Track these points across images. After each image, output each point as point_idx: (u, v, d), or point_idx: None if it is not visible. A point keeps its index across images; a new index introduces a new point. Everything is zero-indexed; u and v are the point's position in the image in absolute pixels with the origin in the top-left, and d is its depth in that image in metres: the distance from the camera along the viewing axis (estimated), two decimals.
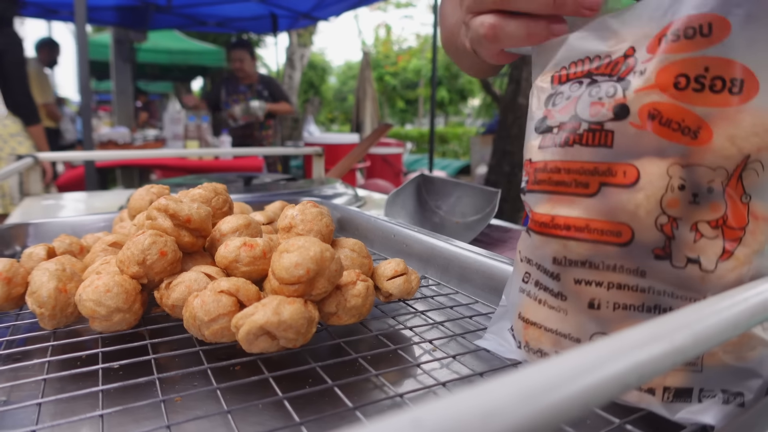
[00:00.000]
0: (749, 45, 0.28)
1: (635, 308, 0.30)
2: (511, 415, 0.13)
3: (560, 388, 0.14)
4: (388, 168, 4.80)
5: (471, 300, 0.51)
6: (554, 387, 0.14)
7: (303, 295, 0.38)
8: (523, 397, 0.14)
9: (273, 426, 0.29)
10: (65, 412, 0.33)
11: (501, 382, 0.14)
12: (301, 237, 0.40)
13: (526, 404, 0.13)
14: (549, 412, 0.14)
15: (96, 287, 0.41)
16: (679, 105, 0.29)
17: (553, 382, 0.14)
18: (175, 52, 6.67)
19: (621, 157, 0.31)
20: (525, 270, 0.36)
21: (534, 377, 0.14)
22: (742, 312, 0.21)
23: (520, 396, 0.14)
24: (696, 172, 0.29)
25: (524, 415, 0.13)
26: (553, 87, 0.34)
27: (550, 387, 0.14)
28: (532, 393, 0.14)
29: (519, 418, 0.13)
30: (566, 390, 0.14)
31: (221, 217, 0.53)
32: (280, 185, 1.26)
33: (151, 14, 4.38)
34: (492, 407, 0.13)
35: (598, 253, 0.31)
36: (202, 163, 3.16)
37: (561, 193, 0.32)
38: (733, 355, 0.28)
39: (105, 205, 1.17)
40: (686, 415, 0.28)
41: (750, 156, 0.29)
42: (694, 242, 0.29)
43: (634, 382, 0.17)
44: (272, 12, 4.82)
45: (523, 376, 0.14)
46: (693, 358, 0.19)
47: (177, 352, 0.39)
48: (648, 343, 0.17)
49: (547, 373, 0.15)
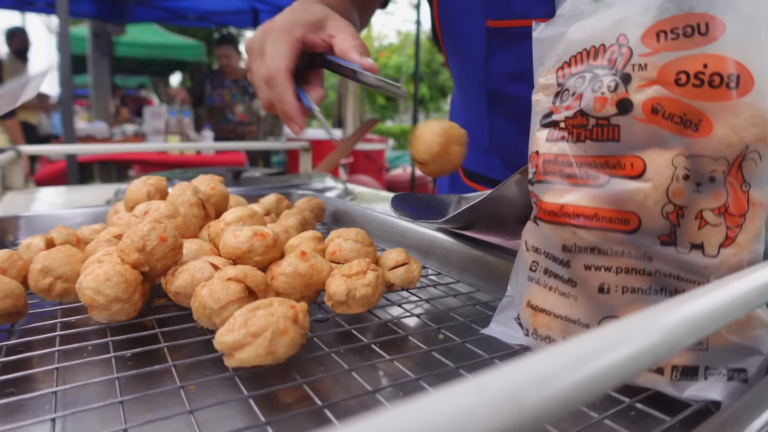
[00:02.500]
0: (743, 43, 0.30)
1: (643, 291, 0.32)
2: (562, 381, 0.14)
3: (602, 356, 0.15)
4: (371, 164, 4.80)
5: (472, 289, 0.52)
6: (596, 355, 0.15)
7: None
8: (573, 365, 0.15)
9: (295, 410, 0.30)
10: (79, 401, 0.34)
11: (550, 353, 0.15)
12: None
13: (576, 370, 0.14)
14: (596, 377, 0.15)
15: (96, 276, 0.41)
16: (680, 100, 0.31)
17: (596, 350, 0.15)
18: (153, 46, 6.55)
19: (628, 150, 0.32)
20: (532, 259, 0.37)
21: (578, 347, 0.16)
22: (748, 293, 0.23)
23: (568, 364, 0.15)
24: (699, 163, 0.31)
25: (575, 380, 0.14)
26: (558, 84, 0.36)
27: (594, 354, 0.15)
28: (580, 360, 0.15)
29: (570, 383, 0.14)
30: (607, 357, 0.16)
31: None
32: (270, 179, 1.26)
33: (129, 7, 4.30)
34: (544, 375, 0.14)
35: (606, 239, 0.32)
36: (184, 158, 3.13)
37: (571, 183, 0.34)
38: (737, 335, 0.30)
39: (89, 200, 1.16)
40: (693, 393, 0.30)
41: (749, 146, 0.30)
42: (698, 229, 0.30)
43: (651, 362, 0.18)
44: (253, 6, 4.78)
45: (571, 347, 0.15)
46: (707, 336, 0.20)
47: (189, 340, 0.40)
48: (666, 324, 0.19)
49: (586, 345, 0.16)
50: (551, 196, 0.35)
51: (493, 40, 0.80)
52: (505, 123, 0.86)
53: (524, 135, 0.85)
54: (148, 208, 0.55)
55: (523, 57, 0.79)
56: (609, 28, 0.33)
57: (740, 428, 0.24)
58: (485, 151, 0.92)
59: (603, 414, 0.29)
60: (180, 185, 0.61)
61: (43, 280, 0.46)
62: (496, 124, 0.87)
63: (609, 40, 0.33)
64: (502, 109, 0.85)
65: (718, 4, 0.29)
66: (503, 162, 0.90)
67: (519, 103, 0.82)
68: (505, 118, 0.86)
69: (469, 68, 0.87)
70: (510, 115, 0.85)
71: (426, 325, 0.45)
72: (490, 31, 0.80)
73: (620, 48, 0.32)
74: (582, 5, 0.34)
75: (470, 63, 0.86)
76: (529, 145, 0.38)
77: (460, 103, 0.97)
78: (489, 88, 0.84)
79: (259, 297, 0.39)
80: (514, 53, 0.80)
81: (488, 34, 0.80)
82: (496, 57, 0.82)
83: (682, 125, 0.31)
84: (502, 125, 0.87)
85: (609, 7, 0.33)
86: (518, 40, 0.79)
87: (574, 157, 0.34)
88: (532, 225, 0.37)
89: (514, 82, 0.82)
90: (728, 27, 0.29)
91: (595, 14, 0.34)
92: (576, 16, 0.35)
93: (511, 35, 0.79)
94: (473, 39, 0.83)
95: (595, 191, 0.33)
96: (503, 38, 0.80)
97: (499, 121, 0.87)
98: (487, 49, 0.81)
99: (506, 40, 0.80)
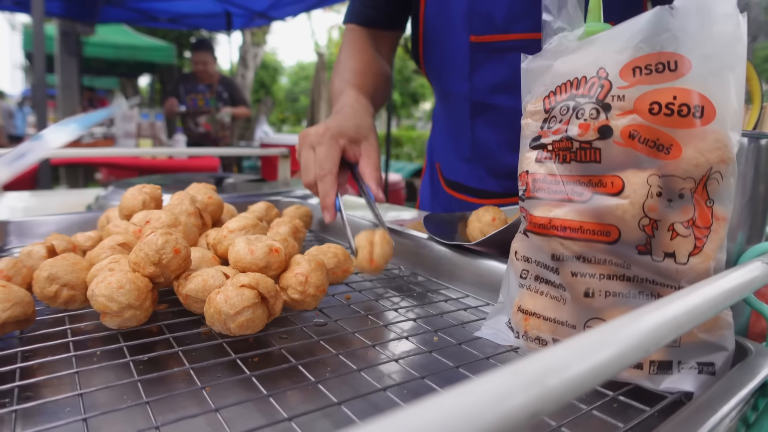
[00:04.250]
0: (706, 78, 0.34)
1: (623, 295, 0.36)
2: (574, 369, 0.18)
3: (606, 347, 0.19)
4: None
5: (462, 294, 0.55)
6: (602, 347, 0.19)
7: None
8: (583, 353, 0.18)
9: (312, 408, 0.33)
10: (106, 404, 0.35)
11: (566, 346, 0.18)
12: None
13: (586, 359, 0.18)
14: (604, 365, 0.18)
15: (109, 283, 0.43)
16: (653, 127, 0.35)
17: (600, 344, 0.19)
18: (122, 47, 6.42)
19: (608, 170, 0.36)
20: (522, 267, 0.41)
21: (586, 340, 0.19)
22: (717, 296, 0.27)
23: (580, 352, 0.18)
24: (670, 181, 0.35)
25: (587, 367, 0.18)
26: (545, 110, 0.40)
27: (598, 347, 0.19)
28: (588, 350, 0.18)
29: (582, 370, 0.18)
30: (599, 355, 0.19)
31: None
32: (252, 186, 1.27)
33: (100, 7, 4.22)
34: (559, 364, 0.17)
35: (590, 249, 0.36)
36: (155, 162, 3.09)
37: (559, 200, 0.37)
38: (706, 333, 0.34)
39: (61, 205, 1.15)
40: (668, 385, 0.34)
41: (712, 167, 0.35)
42: (670, 240, 0.35)
43: (640, 355, 0.21)
44: (227, 10, 4.75)
45: (581, 340, 0.19)
46: (683, 334, 0.24)
47: (202, 344, 0.42)
48: (646, 325, 0.22)
49: (587, 341, 0.19)
50: (541, 211, 0.39)
51: (477, 54, 0.85)
52: (488, 133, 0.91)
53: (506, 145, 0.91)
54: (149, 218, 0.57)
55: (504, 69, 0.85)
56: (591, 63, 0.37)
57: (710, 415, 0.28)
58: (467, 161, 0.96)
59: (591, 406, 0.33)
60: (177, 194, 0.63)
61: (50, 288, 0.47)
62: (478, 134, 0.92)
63: (590, 73, 0.37)
64: (484, 119, 0.90)
65: (685, 45, 0.34)
66: (485, 171, 0.94)
67: (501, 113, 0.87)
68: (488, 128, 0.91)
69: (454, 81, 0.91)
70: (492, 125, 0.90)
71: (421, 328, 0.48)
72: (473, 46, 0.85)
73: (600, 80, 0.36)
74: (567, 42, 0.39)
75: (455, 76, 0.91)
76: (519, 164, 0.41)
77: (444, 114, 1.01)
78: (473, 99, 0.89)
79: (271, 303, 0.42)
80: (496, 66, 0.85)
81: (472, 48, 0.85)
82: (480, 70, 0.86)
83: (656, 149, 0.35)
84: (484, 135, 0.92)
85: (591, 45, 0.37)
86: (500, 54, 0.84)
87: (561, 177, 0.38)
88: (522, 237, 0.41)
89: (496, 94, 0.87)
90: (694, 65, 0.34)
91: (579, 50, 0.38)
92: (562, 51, 0.39)
93: (493, 49, 0.84)
94: (458, 54, 0.88)
95: (580, 206, 0.37)
96: (486, 52, 0.85)
97: (482, 131, 0.92)
98: (470, 63, 0.86)
99: (489, 54, 0.85)
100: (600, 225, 0.36)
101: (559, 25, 0.40)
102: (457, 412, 0.14)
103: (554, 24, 0.40)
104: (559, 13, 0.40)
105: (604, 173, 0.36)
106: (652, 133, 0.35)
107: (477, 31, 0.84)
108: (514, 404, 0.15)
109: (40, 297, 0.47)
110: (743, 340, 0.37)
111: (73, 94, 4.55)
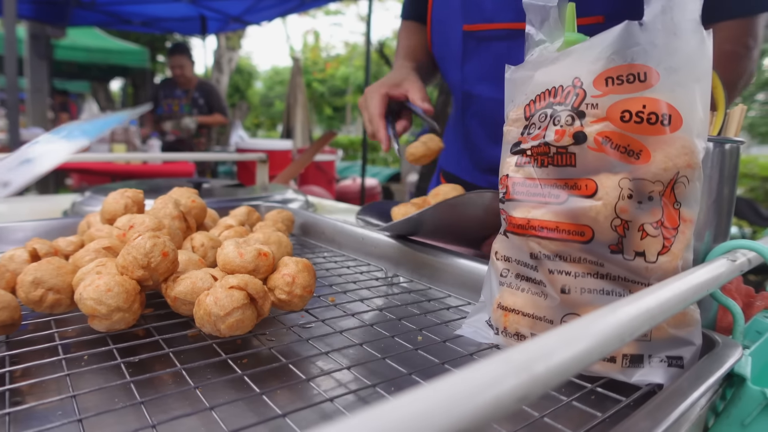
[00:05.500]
0: (673, 89, 0.36)
1: (597, 291, 0.38)
2: (558, 356, 0.19)
3: (585, 338, 0.21)
4: (321, 175, 4.82)
5: (443, 294, 0.57)
6: (581, 337, 0.20)
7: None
8: (565, 343, 0.20)
9: (305, 405, 0.34)
10: (99, 405, 0.36)
11: (550, 336, 0.20)
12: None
13: (568, 348, 0.20)
14: (584, 353, 0.20)
15: (97, 286, 0.43)
16: (624, 133, 0.37)
17: (581, 334, 0.21)
18: (94, 50, 6.30)
19: (583, 174, 0.38)
20: (503, 267, 0.43)
21: (569, 331, 0.21)
22: (686, 291, 0.29)
23: (563, 343, 0.20)
24: (640, 185, 0.37)
25: (570, 355, 0.19)
26: (525, 118, 0.42)
27: (579, 337, 0.20)
28: (571, 340, 0.20)
29: (565, 357, 0.19)
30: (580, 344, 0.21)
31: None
32: (231, 191, 1.27)
33: (71, 9, 4.14)
34: (544, 352, 0.19)
35: (566, 248, 0.38)
36: (129, 167, 3.05)
37: (537, 201, 0.39)
38: (675, 328, 0.36)
39: (34, 210, 1.13)
40: (639, 378, 0.36)
41: (679, 172, 0.37)
42: (640, 240, 0.37)
43: (616, 344, 0.23)
44: (202, 14, 4.72)
45: (563, 331, 0.20)
46: (654, 327, 0.26)
47: (192, 345, 0.42)
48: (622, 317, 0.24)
49: (569, 332, 0.21)
50: (520, 212, 0.41)
51: (468, 43, 0.89)
52: (475, 124, 0.95)
53: (490, 138, 0.95)
54: (132, 222, 0.57)
55: (489, 59, 0.89)
56: (567, 73, 0.39)
57: (679, 402, 0.30)
58: (459, 152, 1.00)
59: (570, 397, 0.35)
60: (161, 198, 0.63)
61: (35, 292, 0.47)
62: (468, 125, 0.96)
63: (567, 82, 0.39)
64: (472, 110, 0.94)
65: (653, 58, 0.36)
66: (472, 164, 0.97)
67: (485, 105, 0.91)
68: (475, 120, 0.95)
69: (450, 71, 0.96)
70: (478, 117, 0.94)
71: (406, 327, 0.49)
72: (465, 34, 0.89)
73: (576, 89, 0.38)
74: (547, 53, 0.41)
75: (451, 66, 0.95)
76: (500, 168, 0.43)
77: (453, 105, 1.07)
78: (464, 89, 0.93)
79: (259, 303, 0.43)
80: (483, 55, 0.89)
81: (464, 37, 0.89)
82: (470, 60, 0.90)
83: (627, 154, 0.37)
84: (473, 126, 0.96)
85: (568, 56, 0.39)
86: (487, 43, 0.87)
87: (539, 180, 0.40)
88: (503, 238, 0.43)
89: (482, 83, 0.90)
90: (662, 76, 0.36)
91: (557, 61, 0.40)
92: (542, 62, 0.41)
93: (481, 38, 0.87)
94: (453, 43, 0.91)
95: (556, 208, 0.39)
96: (475, 41, 0.88)
97: (471, 123, 0.95)
98: (463, 52, 0.90)
99: (478, 43, 0.88)
100: (575, 225, 0.38)
101: (540, 37, 0.42)
102: (456, 394, 0.15)
103: (536, 36, 0.42)
104: (541, 26, 0.42)
105: (579, 176, 0.38)
106: (623, 139, 0.37)
107: (470, 20, 0.87)
108: (505, 388, 0.17)
109: (25, 301, 0.47)
110: (711, 333, 0.39)
111: (43, 98, 4.44)
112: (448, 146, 1.08)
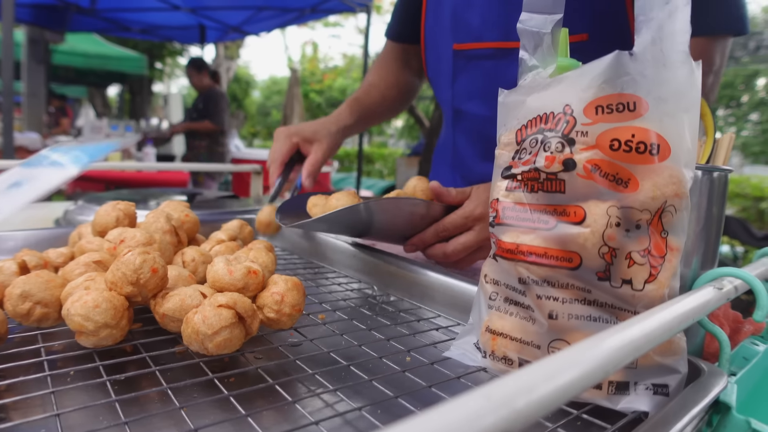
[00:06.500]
0: (662, 119, 0.37)
1: (584, 318, 0.38)
2: (539, 391, 0.19)
3: (572, 368, 0.21)
4: (317, 186, 4.82)
5: (434, 314, 0.57)
6: (564, 370, 0.21)
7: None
8: (548, 377, 0.20)
9: (293, 425, 0.34)
10: (84, 424, 0.35)
11: (532, 369, 0.20)
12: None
13: (551, 381, 0.20)
14: (569, 385, 0.20)
15: (85, 302, 0.43)
16: (613, 162, 0.38)
17: (566, 365, 0.21)
18: (92, 56, 6.31)
19: (572, 201, 0.38)
20: (492, 290, 0.43)
21: (551, 364, 0.21)
22: (672, 320, 0.29)
23: (546, 376, 0.20)
24: (628, 213, 0.37)
25: (552, 388, 0.19)
26: (517, 143, 0.42)
27: (562, 369, 0.21)
28: (553, 373, 0.20)
29: (542, 394, 0.19)
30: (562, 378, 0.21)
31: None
32: (225, 203, 1.27)
33: (71, 15, 4.15)
34: (526, 387, 0.19)
35: (554, 274, 0.38)
36: (123, 174, 3.04)
37: (526, 227, 0.40)
38: (661, 356, 0.36)
39: (26, 219, 1.12)
40: (625, 405, 0.36)
41: (667, 201, 0.37)
42: (628, 267, 0.37)
43: (600, 376, 0.23)
44: (201, 23, 4.74)
45: (545, 364, 0.21)
46: (641, 355, 0.26)
47: (179, 363, 0.42)
48: (606, 348, 0.24)
49: (552, 364, 0.21)
50: (509, 237, 0.41)
51: (458, 61, 0.91)
52: (464, 141, 0.96)
53: (478, 155, 0.96)
54: (123, 236, 0.57)
55: (478, 76, 0.90)
56: (559, 99, 0.40)
57: (666, 430, 0.30)
58: (449, 168, 1.01)
59: (556, 424, 0.35)
60: (153, 212, 0.63)
61: (23, 305, 0.47)
62: (458, 142, 0.97)
63: (558, 109, 0.40)
64: (462, 126, 0.96)
65: (642, 88, 0.37)
66: (462, 180, 0.98)
67: (474, 122, 0.92)
68: (464, 137, 0.96)
69: (442, 89, 0.97)
70: (467, 134, 0.95)
71: (394, 347, 0.49)
72: (455, 53, 0.90)
73: (566, 116, 0.39)
74: (540, 79, 0.41)
75: (443, 84, 0.97)
76: (491, 192, 0.44)
77: (443, 123, 1.09)
78: (454, 106, 0.94)
79: (248, 322, 0.43)
80: (472, 73, 0.90)
81: (454, 56, 0.90)
82: (459, 78, 0.92)
83: (615, 182, 0.38)
84: (462, 143, 0.97)
85: (559, 83, 0.40)
86: (476, 61, 0.89)
87: (528, 205, 0.40)
88: (492, 261, 0.43)
89: (471, 101, 0.92)
90: (651, 106, 0.37)
91: (549, 87, 0.40)
92: (534, 87, 0.41)
93: (470, 57, 0.89)
94: (444, 62, 0.93)
95: (545, 234, 0.39)
96: (465, 59, 0.90)
97: (460, 140, 0.97)
98: (453, 70, 0.91)
99: (467, 62, 0.90)
100: (563, 252, 0.38)
101: (533, 63, 0.42)
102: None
103: (529, 62, 0.43)
104: (534, 51, 0.42)
105: (567, 203, 0.38)
106: (612, 167, 0.37)
107: (459, 39, 0.89)
108: (485, 425, 0.17)
109: (12, 315, 0.47)
110: (697, 360, 0.39)
111: (40, 103, 4.44)
112: (438, 163, 1.09)
